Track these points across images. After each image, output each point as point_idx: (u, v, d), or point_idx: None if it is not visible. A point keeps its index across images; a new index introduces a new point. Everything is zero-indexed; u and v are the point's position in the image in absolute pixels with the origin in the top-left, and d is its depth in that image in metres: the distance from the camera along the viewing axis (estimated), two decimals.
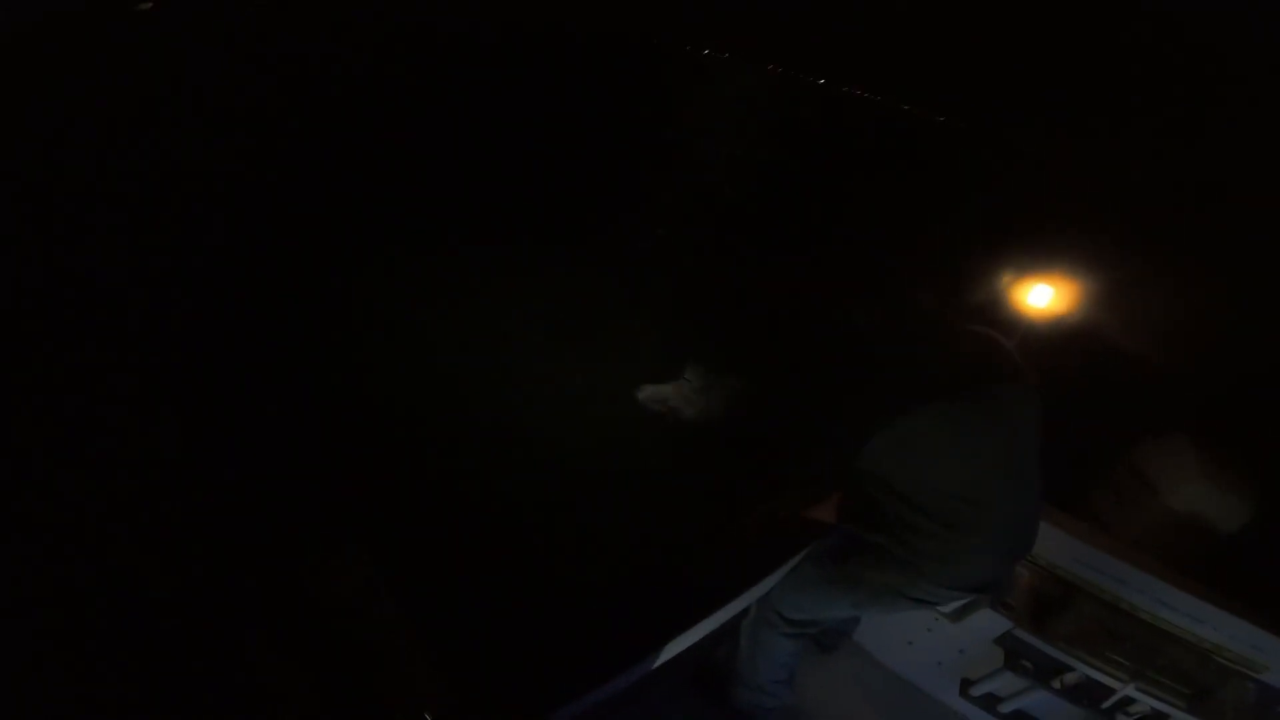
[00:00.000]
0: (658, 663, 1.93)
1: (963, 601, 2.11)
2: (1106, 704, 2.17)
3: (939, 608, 2.18)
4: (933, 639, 2.38)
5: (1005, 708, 2.35)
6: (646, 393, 2.08)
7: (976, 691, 2.37)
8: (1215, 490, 2.48)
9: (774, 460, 1.87)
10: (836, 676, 2.42)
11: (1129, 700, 2.14)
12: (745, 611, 2.05)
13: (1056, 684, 2.24)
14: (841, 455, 1.66)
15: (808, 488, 1.83)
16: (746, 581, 1.98)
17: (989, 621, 2.24)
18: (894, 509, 1.64)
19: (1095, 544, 2.22)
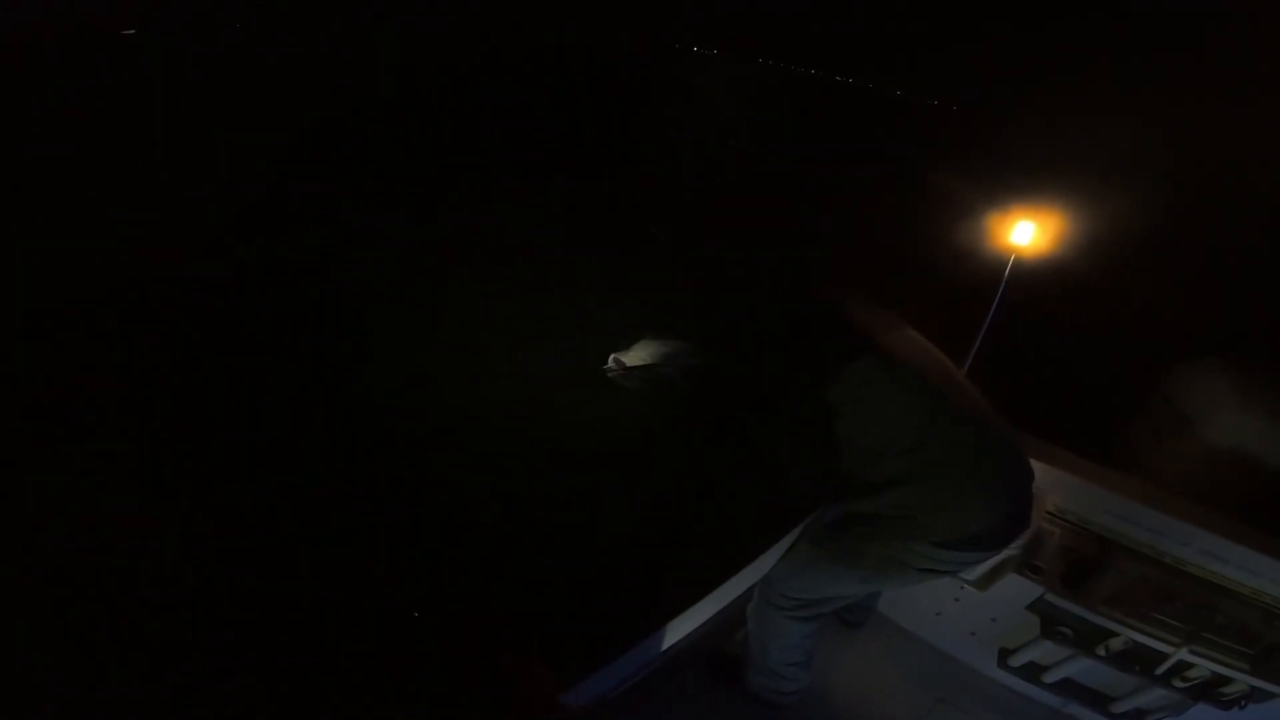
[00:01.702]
0: (664, 648, 1.88)
1: (982, 566, 1.95)
2: (1160, 670, 1.96)
3: (961, 575, 2.05)
4: (961, 609, 2.22)
5: (1050, 677, 2.16)
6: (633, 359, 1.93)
7: (1015, 661, 2.19)
8: (1258, 418, 2.21)
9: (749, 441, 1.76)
10: (868, 652, 2.28)
11: (1185, 665, 1.93)
12: (751, 595, 1.95)
13: (1101, 651, 2.04)
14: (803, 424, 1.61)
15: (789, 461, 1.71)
16: (741, 560, 1.91)
17: (1017, 587, 2.06)
18: (871, 474, 1.56)
19: (1129, 494, 2.00)
